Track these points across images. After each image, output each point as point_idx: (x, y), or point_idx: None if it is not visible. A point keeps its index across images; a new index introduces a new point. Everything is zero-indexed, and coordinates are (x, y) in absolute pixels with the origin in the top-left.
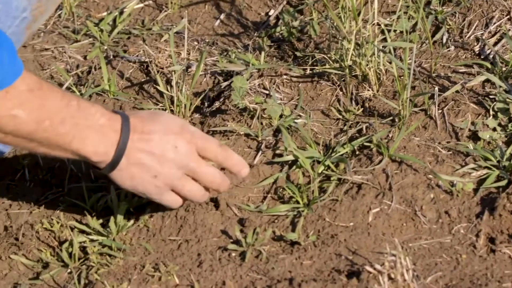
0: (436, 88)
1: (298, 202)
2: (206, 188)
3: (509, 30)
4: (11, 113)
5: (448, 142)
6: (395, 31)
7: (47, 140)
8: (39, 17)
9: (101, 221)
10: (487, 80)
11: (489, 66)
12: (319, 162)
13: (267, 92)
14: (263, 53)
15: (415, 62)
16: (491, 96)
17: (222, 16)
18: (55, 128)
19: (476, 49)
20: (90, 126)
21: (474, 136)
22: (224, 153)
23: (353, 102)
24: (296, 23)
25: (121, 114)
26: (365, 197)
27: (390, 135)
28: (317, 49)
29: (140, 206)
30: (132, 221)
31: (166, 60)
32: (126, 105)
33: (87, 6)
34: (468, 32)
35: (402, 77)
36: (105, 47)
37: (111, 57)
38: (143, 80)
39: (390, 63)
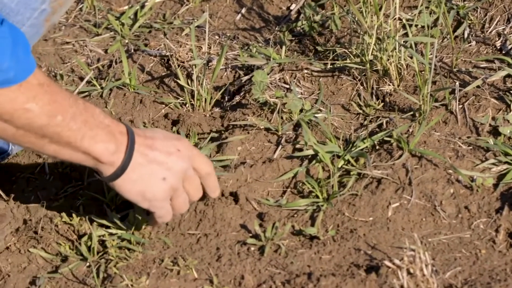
0: (457, 83)
1: (317, 197)
2: None
3: None
4: (25, 106)
5: (468, 137)
6: (416, 26)
7: (58, 135)
8: (58, 9)
9: (120, 214)
10: (508, 75)
11: (511, 61)
12: (339, 157)
13: (287, 86)
14: (284, 47)
15: (436, 57)
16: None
17: (243, 10)
18: (67, 123)
19: (498, 44)
20: (98, 125)
21: (494, 131)
22: (211, 170)
23: (374, 97)
24: (317, 18)
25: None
26: (384, 191)
27: (411, 130)
28: (338, 44)
29: None
30: (150, 215)
31: (187, 54)
32: (146, 98)
33: (109, 0)
34: (489, 27)
35: (423, 72)
36: (126, 41)
37: (132, 50)
38: (163, 74)
39: (411, 58)
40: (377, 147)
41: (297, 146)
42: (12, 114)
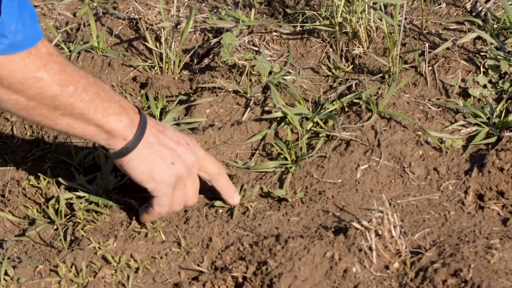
0: (427, 45)
1: (286, 159)
2: None
3: None
4: (36, 75)
5: (438, 99)
6: None
7: (71, 106)
8: None
9: (88, 177)
10: (478, 37)
11: (481, 23)
12: (307, 119)
13: (256, 49)
14: (253, 9)
15: (406, 19)
16: (482, 53)
17: None
18: (79, 94)
19: (468, 6)
20: (110, 98)
21: (464, 93)
22: (222, 171)
23: (343, 59)
24: None
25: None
26: (353, 153)
27: (380, 92)
28: (307, 6)
29: None
30: (119, 178)
31: (155, 17)
32: (114, 61)
33: None
34: None
35: (392, 34)
36: (95, 4)
37: (101, 14)
38: (132, 37)
39: (381, 20)
40: (346, 109)
41: (266, 108)
42: (24, 83)
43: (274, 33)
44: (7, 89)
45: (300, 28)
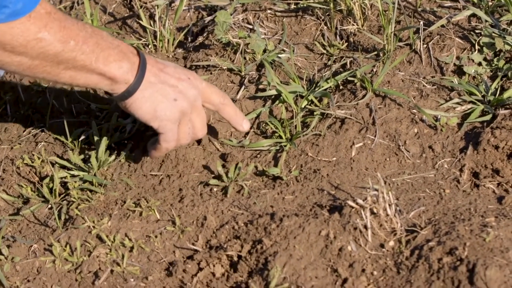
0: (421, 23)
1: (280, 137)
2: None
3: None
4: (38, 36)
5: (432, 77)
6: None
7: (74, 60)
8: None
9: (82, 156)
10: (473, 15)
11: (476, 0)
12: (302, 97)
13: (251, 27)
14: None
15: None
16: (476, 31)
17: None
18: (80, 47)
19: None
20: (109, 46)
21: (459, 71)
22: (227, 100)
23: (338, 37)
24: None
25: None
26: (348, 131)
27: (374, 70)
28: None
29: (121, 141)
30: (113, 157)
31: None
32: None
33: None
34: None
35: (387, 12)
36: None
37: None
38: (126, 15)
39: None
40: (341, 87)
41: (260, 86)
42: (26, 45)
43: (269, 11)
44: (10, 53)
45: (295, 6)
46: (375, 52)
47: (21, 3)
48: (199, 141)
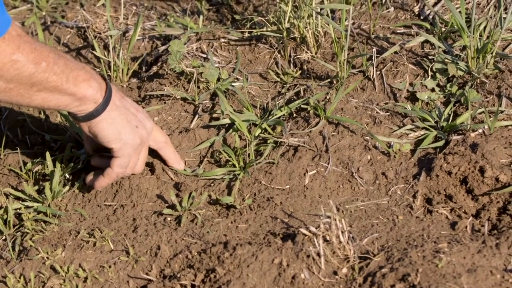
0: (374, 49)
1: (234, 166)
2: None
3: None
4: (12, 58)
5: (386, 103)
6: None
7: (46, 81)
8: None
9: (36, 187)
10: (426, 41)
11: (429, 26)
12: (255, 125)
13: (205, 55)
14: (201, 16)
15: (354, 23)
16: (430, 57)
17: None
18: (51, 68)
19: (416, 9)
20: (76, 66)
21: (412, 97)
22: (168, 139)
23: (291, 65)
24: None
25: None
26: (301, 159)
27: (328, 97)
28: (255, 12)
29: (75, 172)
30: (67, 187)
31: (103, 25)
32: None
33: None
34: None
35: (340, 39)
36: (44, 13)
37: (49, 23)
38: (80, 45)
39: (329, 25)
40: (294, 115)
41: (214, 115)
42: (2, 68)
43: (222, 40)
44: None
45: (248, 35)
46: (329, 80)
47: None
48: (152, 171)
